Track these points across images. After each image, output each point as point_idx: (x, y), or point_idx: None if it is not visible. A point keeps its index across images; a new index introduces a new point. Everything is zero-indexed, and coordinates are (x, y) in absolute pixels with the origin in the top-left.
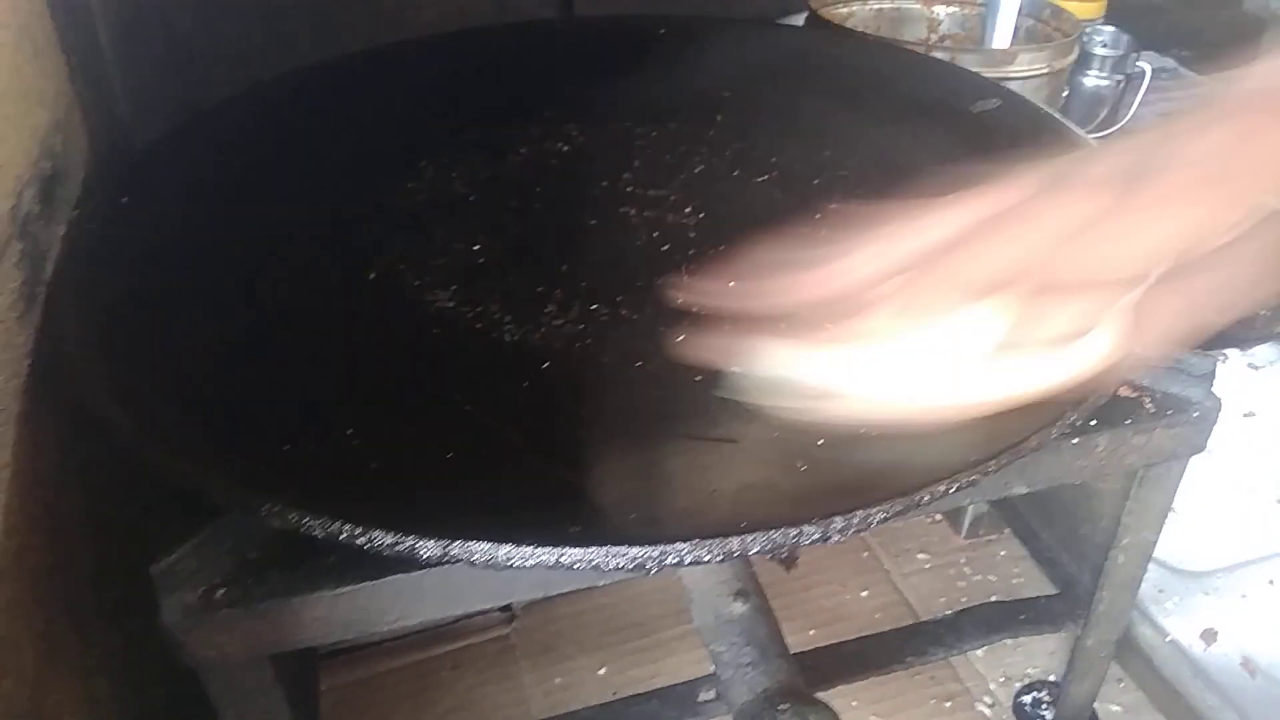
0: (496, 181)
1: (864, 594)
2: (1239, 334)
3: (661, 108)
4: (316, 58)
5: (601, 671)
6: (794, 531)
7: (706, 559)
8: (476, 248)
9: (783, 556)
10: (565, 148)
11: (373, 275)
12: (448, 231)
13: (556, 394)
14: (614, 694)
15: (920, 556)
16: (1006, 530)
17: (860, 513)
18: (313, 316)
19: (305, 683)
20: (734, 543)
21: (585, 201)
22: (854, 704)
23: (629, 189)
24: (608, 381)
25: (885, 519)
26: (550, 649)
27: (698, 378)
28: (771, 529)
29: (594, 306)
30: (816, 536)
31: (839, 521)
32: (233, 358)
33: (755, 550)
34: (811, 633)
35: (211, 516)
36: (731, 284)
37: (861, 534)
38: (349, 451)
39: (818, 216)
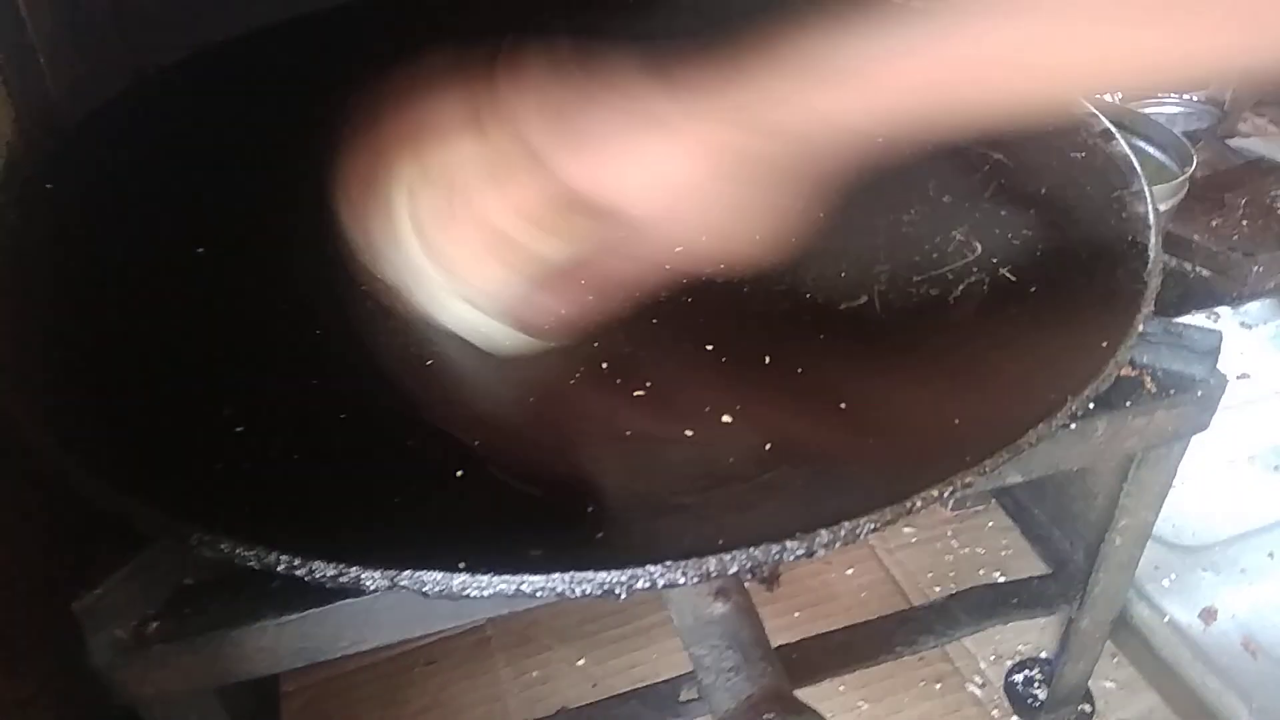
0: None
1: (849, 571)
2: (1230, 290)
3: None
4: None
5: (580, 662)
6: (776, 547)
7: (682, 581)
8: None
9: (764, 576)
10: None
11: (322, 265)
12: None
13: (516, 396)
14: (593, 686)
15: (906, 530)
16: (993, 500)
17: (848, 524)
18: (254, 315)
19: (264, 688)
20: (711, 562)
21: None
22: (841, 688)
23: None
24: (570, 381)
25: (875, 529)
26: (527, 640)
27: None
28: (751, 545)
29: None
30: (801, 552)
31: (825, 535)
32: (164, 364)
33: (734, 570)
34: (796, 614)
35: (146, 539)
36: None
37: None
38: (289, 467)
39: None
